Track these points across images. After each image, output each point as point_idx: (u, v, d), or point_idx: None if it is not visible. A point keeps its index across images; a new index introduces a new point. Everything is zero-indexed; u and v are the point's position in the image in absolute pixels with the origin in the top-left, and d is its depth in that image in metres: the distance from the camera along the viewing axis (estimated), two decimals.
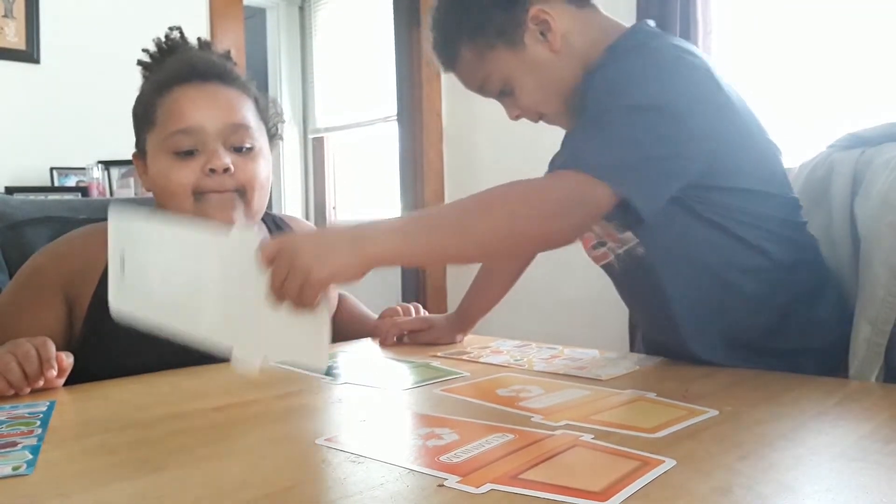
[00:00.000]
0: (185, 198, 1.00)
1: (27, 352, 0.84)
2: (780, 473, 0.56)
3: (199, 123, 1.01)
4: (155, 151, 1.03)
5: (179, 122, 1.01)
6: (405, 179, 3.12)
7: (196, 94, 1.02)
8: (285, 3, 4.00)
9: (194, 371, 0.98)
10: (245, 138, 1.04)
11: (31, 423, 0.72)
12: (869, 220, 1.00)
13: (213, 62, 1.07)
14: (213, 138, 1.01)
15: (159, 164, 1.02)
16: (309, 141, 4.01)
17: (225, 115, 1.02)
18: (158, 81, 1.05)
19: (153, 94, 1.04)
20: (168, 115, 1.02)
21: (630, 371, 0.94)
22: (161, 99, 1.03)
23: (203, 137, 1.01)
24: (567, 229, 0.84)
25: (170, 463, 0.61)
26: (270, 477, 0.57)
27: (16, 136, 2.65)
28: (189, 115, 1.01)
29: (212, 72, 1.05)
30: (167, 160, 1.01)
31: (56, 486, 0.56)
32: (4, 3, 2.66)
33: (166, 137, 1.01)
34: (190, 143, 1.01)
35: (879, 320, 0.94)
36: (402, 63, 3.16)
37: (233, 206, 1.02)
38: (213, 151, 1.01)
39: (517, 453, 0.60)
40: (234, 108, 1.04)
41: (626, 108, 0.86)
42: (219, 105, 1.03)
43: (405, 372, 0.98)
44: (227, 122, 1.02)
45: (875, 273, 0.95)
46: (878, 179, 1.01)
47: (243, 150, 1.04)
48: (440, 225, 0.81)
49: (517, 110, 1.03)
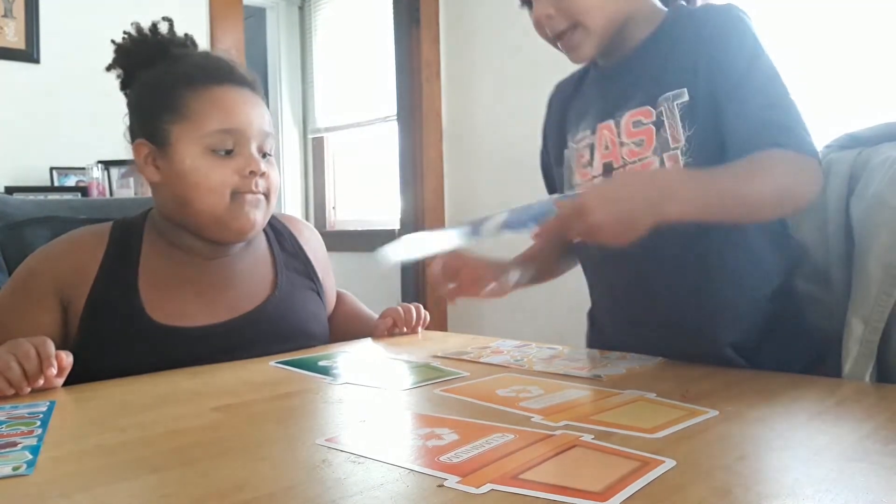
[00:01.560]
0: (222, 196, 1.04)
1: (27, 351, 0.84)
2: (780, 474, 0.56)
3: (242, 126, 1.05)
4: (187, 144, 1.04)
5: (224, 121, 1.04)
6: (405, 179, 3.12)
7: (238, 97, 1.07)
8: (285, 2, 3.99)
9: (194, 371, 0.98)
10: (271, 145, 1.10)
11: (31, 423, 0.72)
12: (864, 219, 1.00)
13: (244, 69, 1.12)
14: (251, 141, 1.06)
15: (195, 160, 1.03)
16: (309, 141, 4.01)
17: (260, 122, 1.08)
18: (186, 74, 1.06)
19: (181, 86, 1.05)
20: (209, 112, 1.04)
21: (630, 371, 0.94)
22: (194, 93, 1.05)
23: (243, 140, 1.05)
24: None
25: (170, 463, 0.61)
26: (270, 477, 0.57)
27: (16, 136, 2.65)
28: (234, 117, 1.05)
29: (246, 78, 1.10)
30: (205, 156, 1.04)
31: (56, 486, 0.56)
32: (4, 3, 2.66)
33: (207, 134, 1.03)
34: (231, 144, 1.05)
35: (873, 318, 0.94)
36: (402, 63, 3.15)
37: (258, 207, 1.07)
38: (250, 155, 1.05)
39: (517, 453, 0.60)
40: (264, 116, 1.09)
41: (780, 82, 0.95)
42: (256, 111, 1.08)
43: (405, 372, 0.98)
44: (261, 128, 1.08)
45: (869, 271, 0.95)
46: (874, 179, 1.01)
47: (267, 156, 1.09)
48: (721, 189, 0.86)
49: (552, 8, 0.99)
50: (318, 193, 3.96)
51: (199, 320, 1.05)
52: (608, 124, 1.02)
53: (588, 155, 1.05)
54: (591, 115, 1.07)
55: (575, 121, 1.11)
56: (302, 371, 0.98)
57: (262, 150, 1.08)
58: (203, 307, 1.06)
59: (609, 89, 1.05)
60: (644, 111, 0.99)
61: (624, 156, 1.00)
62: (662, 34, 1.02)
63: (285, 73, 4.00)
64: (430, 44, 3.08)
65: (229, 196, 1.04)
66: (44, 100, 2.71)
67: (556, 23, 0.99)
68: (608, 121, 1.02)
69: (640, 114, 0.99)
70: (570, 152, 1.10)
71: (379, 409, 0.77)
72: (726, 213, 0.87)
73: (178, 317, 1.04)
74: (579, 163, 1.07)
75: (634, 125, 0.99)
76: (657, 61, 1.00)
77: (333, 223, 3.89)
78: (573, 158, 1.09)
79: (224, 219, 1.05)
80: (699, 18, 1.00)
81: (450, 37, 3.07)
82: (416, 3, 3.07)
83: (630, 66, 1.04)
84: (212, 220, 1.05)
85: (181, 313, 1.04)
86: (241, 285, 1.11)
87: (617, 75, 1.05)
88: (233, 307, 1.09)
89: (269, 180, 1.08)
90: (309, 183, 4.01)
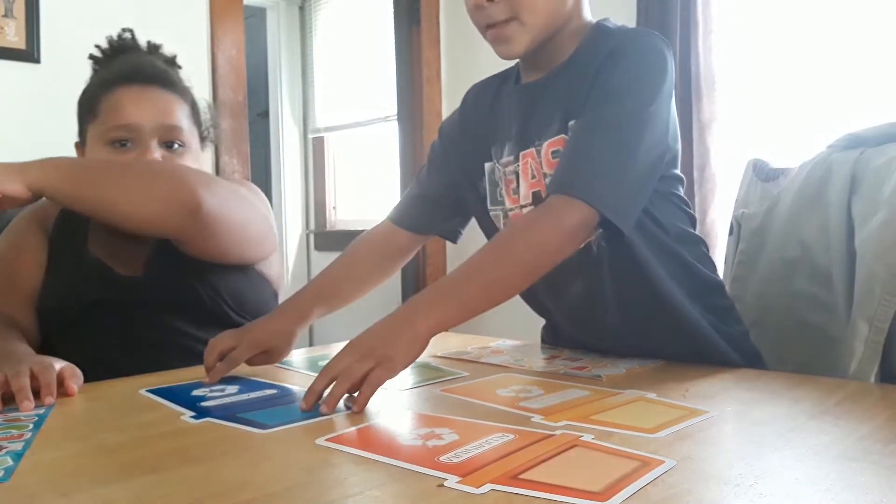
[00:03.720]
0: None
1: (23, 385, 0.81)
2: (780, 474, 0.56)
3: (136, 121, 1.12)
4: (94, 141, 1.14)
5: (120, 118, 1.12)
6: (405, 179, 3.12)
7: (138, 95, 1.14)
8: (285, 3, 3.99)
9: (194, 371, 0.98)
10: (176, 137, 1.15)
11: (23, 426, 0.72)
12: (867, 219, 1.00)
13: (157, 67, 1.19)
14: (148, 135, 1.13)
15: (97, 154, 1.14)
16: (309, 141, 4.01)
17: (161, 116, 1.14)
18: (105, 78, 1.17)
19: (99, 90, 1.15)
20: (110, 111, 1.13)
21: (630, 371, 0.94)
22: (105, 95, 1.14)
23: (139, 134, 1.12)
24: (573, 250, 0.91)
25: (169, 463, 0.61)
26: (270, 477, 0.57)
27: (16, 136, 2.65)
28: (129, 113, 1.12)
29: (155, 76, 1.17)
30: (105, 150, 1.13)
31: (56, 486, 0.56)
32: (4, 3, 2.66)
33: (106, 130, 1.13)
34: (127, 137, 1.12)
35: (877, 318, 0.94)
36: (402, 63, 3.15)
37: None
38: (146, 146, 1.12)
39: (517, 453, 0.60)
40: (169, 111, 1.15)
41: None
42: (156, 106, 1.14)
43: (405, 372, 0.98)
44: (161, 122, 1.14)
45: (872, 271, 0.95)
46: (877, 179, 1.01)
47: (174, 146, 1.15)
48: (470, 289, 0.85)
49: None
50: (318, 193, 3.96)
51: (127, 270, 1.14)
52: (531, 152, 1.00)
53: (515, 182, 1.03)
54: (513, 139, 1.03)
55: (494, 135, 1.07)
56: (301, 370, 0.98)
57: (167, 142, 1.14)
58: (132, 260, 1.15)
59: (528, 111, 1.02)
60: (560, 140, 0.96)
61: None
62: (578, 55, 0.99)
63: (285, 73, 3.99)
64: (430, 44, 3.09)
65: None
66: (44, 100, 2.71)
67: (495, 11, 0.94)
68: (530, 149, 1.00)
69: (557, 143, 0.96)
70: (498, 171, 1.06)
71: (379, 409, 0.77)
72: (489, 302, 0.86)
73: (112, 260, 1.14)
74: (508, 187, 1.05)
75: (553, 155, 0.97)
76: (570, 84, 0.97)
77: (333, 223, 3.89)
78: (501, 179, 1.06)
79: None
80: (611, 43, 0.95)
81: (450, 37, 3.08)
82: (416, 3, 3.07)
83: (548, 86, 1.00)
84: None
85: (113, 256, 1.14)
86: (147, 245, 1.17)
87: (536, 94, 1.02)
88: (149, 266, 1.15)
89: None
90: (309, 183, 4.01)
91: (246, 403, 0.81)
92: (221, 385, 0.90)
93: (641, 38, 0.96)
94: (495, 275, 0.86)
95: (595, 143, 0.90)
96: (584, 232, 0.89)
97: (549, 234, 0.87)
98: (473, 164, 1.10)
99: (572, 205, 0.86)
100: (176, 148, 1.15)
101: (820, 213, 1.11)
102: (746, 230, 1.25)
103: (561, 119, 0.96)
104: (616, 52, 0.93)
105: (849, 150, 1.11)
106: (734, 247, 1.28)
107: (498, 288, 0.86)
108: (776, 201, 1.21)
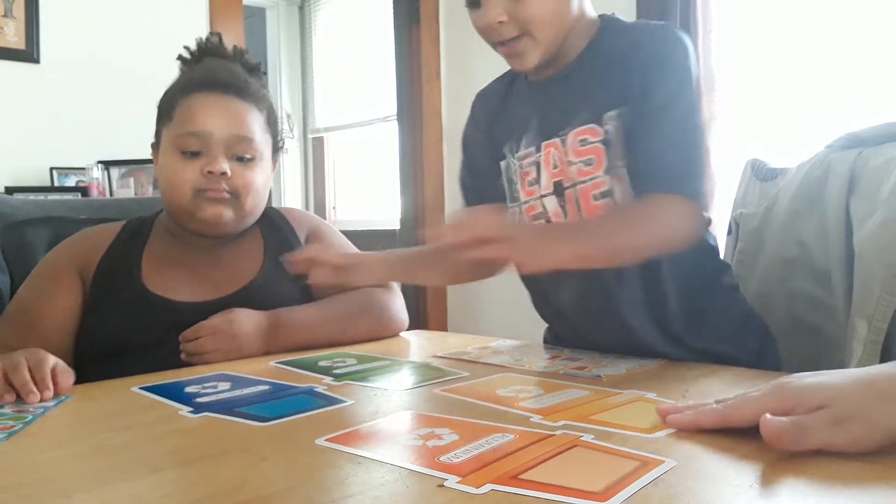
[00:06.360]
0: (185, 192, 1.14)
1: (23, 378, 0.83)
2: (780, 474, 0.56)
3: (208, 129, 1.13)
4: (166, 145, 1.16)
5: (192, 125, 1.13)
6: (405, 179, 3.12)
7: (213, 103, 1.15)
8: (285, 2, 4.00)
9: (194, 371, 0.98)
10: (247, 149, 1.16)
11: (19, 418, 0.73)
12: (865, 218, 1.00)
13: (235, 75, 1.20)
14: (217, 144, 1.13)
15: (167, 158, 1.15)
16: (309, 141, 4.02)
17: (233, 127, 1.15)
18: (184, 83, 1.18)
19: (177, 94, 1.17)
20: (183, 116, 1.14)
21: (630, 371, 0.94)
22: (183, 99, 1.16)
23: (209, 142, 1.13)
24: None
25: (170, 463, 0.61)
26: (270, 477, 0.57)
27: (16, 136, 2.65)
28: (201, 121, 1.13)
29: (231, 84, 1.17)
30: (175, 156, 1.14)
31: (56, 486, 0.56)
32: (4, 3, 2.66)
33: (178, 136, 1.14)
34: (196, 146, 1.13)
35: (876, 318, 0.94)
36: (402, 63, 3.16)
37: (224, 205, 1.15)
38: (214, 157, 1.13)
39: (517, 453, 0.60)
40: (242, 121, 1.16)
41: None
42: (230, 116, 1.15)
43: (405, 372, 0.98)
44: (233, 132, 1.15)
45: (871, 271, 0.95)
46: (875, 179, 1.01)
47: (244, 159, 1.16)
48: (600, 240, 0.90)
49: (506, 15, 0.96)
50: (318, 193, 3.97)
51: (187, 296, 1.15)
52: (554, 142, 1.01)
53: (535, 173, 1.04)
54: (532, 131, 1.05)
55: (508, 133, 1.09)
56: (302, 371, 0.98)
57: (237, 154, 1.15)
58: (192, 286, 1.16)
59: (547, 104, 1.04)
60: (590, 129, 0.97)
61: (573, 175, 0.99)
62: (597, 48, 1.01)
63: (285, 73, 4.00)
64: (430, 44, 3.09)
65: (191, 193, 1.13)
66: (44, 100, 2.71)
67: (506, 29, 0.97)
68: (554, 139, 1.01)
69: (586, 132, 0.98)
70: (513, 166, 1.08)
71: (379, 409, 0.78)
72: (605, 261, 0.93)
73: (170, 290, 1.14)
74: (524, 179, 1.06)
75: (581, 143, 0.98)
76: (595, 76, 0.99)
77: (333, 223, 3.89)
78: (516, 173, 1.07)
79: (188, 211, 1.15)
80: (635, 37, 0.99)
81: (450, 37, 3.08)
82: (416, 3, 3.07)
83: (567, 79, 1.02)
84: (178, 212, 1.17)
85: (173, 288, 1.15)
86: (227, 270, 1.19)
87: (554, 88, 1.04)
88: (218, 288, 1.17)
89: (236, 181, 1.14)
90: (309, 183, 4.02)
91: (240, 399, 0.82)
92: (213, 382, 0.91)
93: (671, 33, 0.99)
94: (623, 242, 0.91)
95: (680, 141, 0.96)
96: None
97: (669, 230, 0.94)
98: (490, 165, 1.13)
99: (685, 203, 0.93)
100: (246, 160, 1.16)
101: (818, 212, 1.11)
102: (745, 230, 1.25)
103: (588, 109, 0.98)
104: (653, 52, 0.97)
105: (847, 149, 1.11)
106: (732, 247, 1.28)
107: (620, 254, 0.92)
108: (774, 201, 1.21)
